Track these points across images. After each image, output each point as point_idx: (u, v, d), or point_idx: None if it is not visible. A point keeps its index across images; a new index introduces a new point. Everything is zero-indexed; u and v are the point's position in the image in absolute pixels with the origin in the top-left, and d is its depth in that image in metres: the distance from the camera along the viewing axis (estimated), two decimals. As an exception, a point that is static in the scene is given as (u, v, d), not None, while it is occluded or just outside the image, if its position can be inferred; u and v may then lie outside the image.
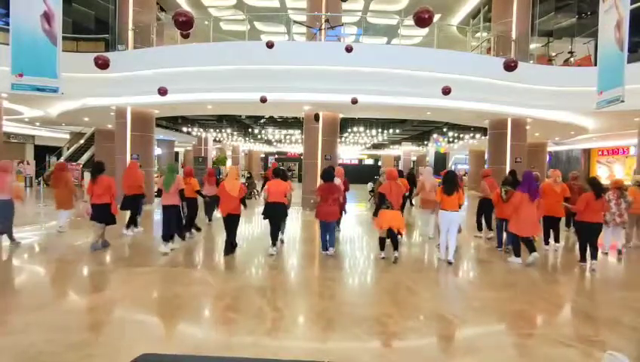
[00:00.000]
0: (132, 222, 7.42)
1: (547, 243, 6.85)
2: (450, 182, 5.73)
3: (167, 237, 5.95)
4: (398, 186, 5.89)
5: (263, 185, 9.66)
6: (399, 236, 5.95)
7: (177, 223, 6.22)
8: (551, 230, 6.83)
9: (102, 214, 5.95)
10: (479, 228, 7.87)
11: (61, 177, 7.32)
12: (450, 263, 5.70)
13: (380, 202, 5.85)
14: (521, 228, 5.65)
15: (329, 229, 6.20)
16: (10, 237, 6.21)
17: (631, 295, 4.71)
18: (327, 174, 6.30)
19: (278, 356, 2.84)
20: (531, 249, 5.71)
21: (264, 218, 6.11)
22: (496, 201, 6.56)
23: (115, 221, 6.15)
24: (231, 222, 5.86)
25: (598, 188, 5.67)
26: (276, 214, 6.09)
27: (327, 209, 6.06)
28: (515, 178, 6.68)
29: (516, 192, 5.72)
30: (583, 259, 5.86)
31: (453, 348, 3.11)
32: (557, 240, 6.97)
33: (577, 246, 6.15)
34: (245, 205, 5.94)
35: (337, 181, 7.27)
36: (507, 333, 3.49)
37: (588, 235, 5.75)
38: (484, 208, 7.69)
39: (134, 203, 7.43)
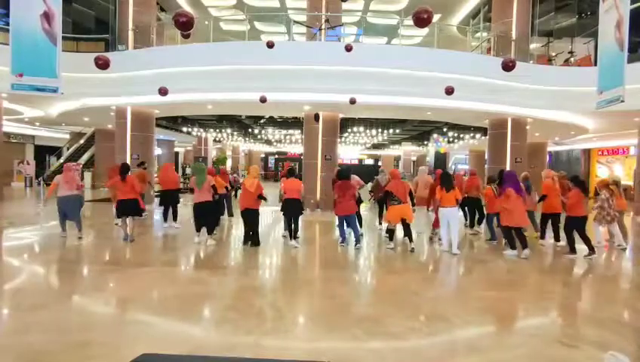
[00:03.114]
0: (174, 216, 8.21)
1: (543, 237, 7.15)
2: (449, 181, 6.34)
3: (210, 229, 6.63)
4: (402, 184, 6.51)
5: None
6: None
7: (214, 216, 6.95)
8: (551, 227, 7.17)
9: (130, 208, 6.60)
10: (472, 226, 8.35)
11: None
12: (455, 254, 6.16)
13: (386, 198, 6.45)
14: (512, 220, 6.07)
15: (351, 223, 6.68)
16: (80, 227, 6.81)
17: (632, 294, 4.71)
18: (343, 173, 6.87)
19: (278, 356, 2.84)
20: (524, 244, 6.09)
21: (283, 214, 6.73)
22: (489, 198, 6.98)
23: (141, 213, 6.91)
24: (249, 216, 6.40)
25: (583, 186, 6.22)
26: (293, 209, 6.66)
27: (345, 205, 6.61)
28: (500, 176, 7.11)
29: (508, 189, 6.16)
30: (573, 250, 6.22)
31: (454, 349, 3.11)
32: (557, 238, 7.10)
33: (567, 240, 6.38)
34: (265, 199, 6.51)
35: (356, 178, 7.85)
36: (508, 333, 3.49)
37: (576, 228, 6.20)
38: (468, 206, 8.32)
39: (173, 198, 8.23)
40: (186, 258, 5.86)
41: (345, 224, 6.77)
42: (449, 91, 7.09)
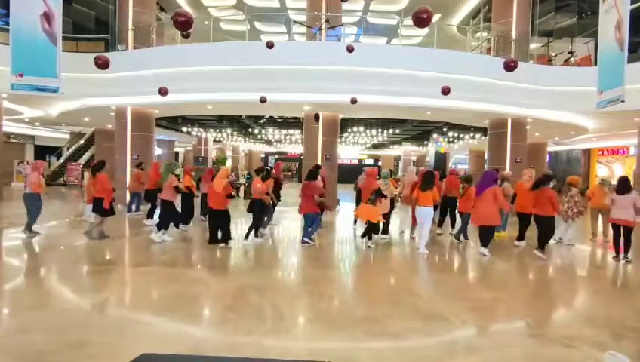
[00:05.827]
0: (152, 214, 8.18)
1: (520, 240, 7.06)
2: (427, 181, 6.42)
3: (159, 226, 6.78)
4: (375, 183, 6.91)
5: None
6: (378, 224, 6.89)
7: (171, 215, 6.96)
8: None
9: (97, 207, 6.59)
10: (439, 225, 8.24)
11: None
12: (419, 252, 6.26)
13: (376, 197, 6.56)
14: (485, 220, 6.14)
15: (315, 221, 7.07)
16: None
17: (631, 294, 4.71)
18: (310, 173, 7.25)
19: (278, 356, 2.84)
20: (485, 243, 6.22)
21: (247, 211, 7.00)
22: (467, 198, 6.97)
23: (107, 214, 6.68)
24: (216, 216, 6.48)
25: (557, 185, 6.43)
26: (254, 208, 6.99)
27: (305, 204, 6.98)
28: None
29: (489, 188, 6.17)
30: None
31: (453, 348, 3.11)
32: (522, 237, 7.05)
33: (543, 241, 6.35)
34: (233, 197, 6.54)
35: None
36: (507, 333, 3.49)
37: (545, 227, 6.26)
38: (447, 205, 8.20)
39: (154, 197, 8.23)
40: (182, 258, 5.86)
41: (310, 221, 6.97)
42: (445, 91, 7.09)
